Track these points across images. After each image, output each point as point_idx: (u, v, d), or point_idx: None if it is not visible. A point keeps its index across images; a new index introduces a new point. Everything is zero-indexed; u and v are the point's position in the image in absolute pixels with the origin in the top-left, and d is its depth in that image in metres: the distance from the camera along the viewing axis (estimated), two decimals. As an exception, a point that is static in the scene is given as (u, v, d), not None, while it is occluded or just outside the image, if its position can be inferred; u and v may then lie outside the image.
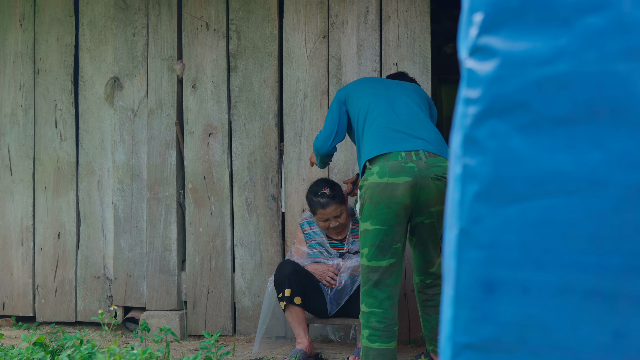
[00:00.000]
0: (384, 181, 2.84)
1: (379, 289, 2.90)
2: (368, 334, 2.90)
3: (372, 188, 2.87)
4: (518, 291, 0.96)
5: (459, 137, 0.99)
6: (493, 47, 0.97)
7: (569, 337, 0.95)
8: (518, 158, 0.96)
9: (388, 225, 2.87)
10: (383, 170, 2.85)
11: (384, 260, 2.89)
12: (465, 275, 0.98)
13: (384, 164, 2.86)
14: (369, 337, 2.90)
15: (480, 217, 0.97)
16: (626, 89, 0.92)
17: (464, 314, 0.98)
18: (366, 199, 2.89)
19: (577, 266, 0.94)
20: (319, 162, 3.39)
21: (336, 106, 3.20)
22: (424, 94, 3.30)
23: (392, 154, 2.88)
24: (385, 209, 2.85)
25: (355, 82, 3.30)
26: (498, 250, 0.97)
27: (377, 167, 2.87)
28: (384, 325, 2.89)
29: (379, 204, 2.85)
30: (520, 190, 0.96)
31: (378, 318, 2.89)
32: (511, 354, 0.97)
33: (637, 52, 0.91)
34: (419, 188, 2.86)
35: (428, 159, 2.88)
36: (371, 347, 2.89)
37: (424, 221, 2.95)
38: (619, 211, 0.92)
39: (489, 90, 0.97)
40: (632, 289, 0.92)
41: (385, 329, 2.90)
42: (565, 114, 0.95)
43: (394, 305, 2.93)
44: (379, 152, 2.89)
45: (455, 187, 1.00)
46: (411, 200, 2.87)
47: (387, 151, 2.89)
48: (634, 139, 0.91)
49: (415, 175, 2.85)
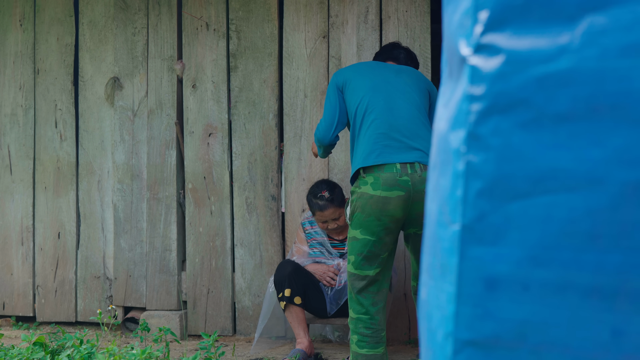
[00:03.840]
0: (377, 194, 2.82)
1: (363, 296, 2.92)
2: (357, 340, 2.92)
3: (364, 199, 2.85)
4: (519, 288, 0.96)
5: (461, 134, 0.99)
6: (498, 45, 0.98)
7: (568, 334, 0.95)
8: (520, 155, 0.96)
9: (377, 237, 2.87)
10: (377, 182, 2.83)
11: (370, 270, 2.90)
12: (468, 271, 0.98)
13: (379, 176, 2.84)
14: (357, 342, 2.91)
15: (483, 213, 0.98)
16: (626, 85, 0.92)
17: (466, 311, 0.98)
18: (357, 208, 2.88)
19: (576, 264, 0.94)
20: (321, 152, 3.23)
21: (333, 94, 3.06)
22: (424, 82, 3.14)
23: (387, 166, 2.84)
24: (375, 221, 2.85)
25: (353, 69, 3.12)
26: (500, 247, 0.97)
27: (372, 178, 2.84)
28: (371, 331, 2.91)
29: (370, 216, 2.84)
30: (522, 187, 0.96)
31: (365, 324, 2.91)
32: (511, 351, 0.97)
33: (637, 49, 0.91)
34: (412, 202, 2.84)
35: (423, 172, 2.85)
36: (360, 353, 2.91)
37: (417, 232, 2.94)
38: (618, 208, 0.92)
39: (493, 87, 0.98)
40: (631, 287, 0.92)
41: (372, 335, 2.91)
42: (566, 111, 0.95)
43: (380, 311, 2.94)
44: (374, 162, 2.85)
45: (457, 183, 1.00)
46: (403, 213, 2.86)
47: (382, 162, 2.85)
48: (633, 136, 0.92)
49: (409, 189, 2.83)
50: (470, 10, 1.00)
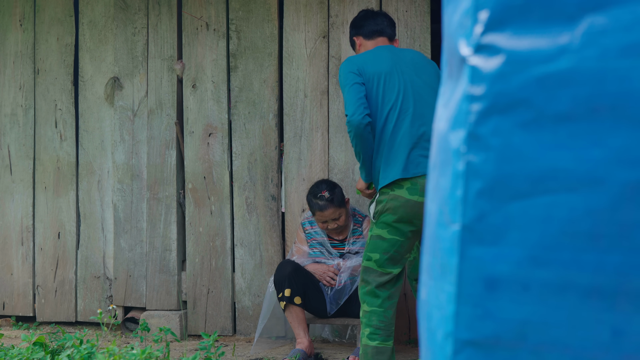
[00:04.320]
0: (414, 199, 2.91)
1: (381, 290, 3.00)
2: (369, 332, 2.98)
3: (398, 201, 2.93)
4: (519, 288, 0.96)
5: (461, 134, 0.99)
6: (498, 45, 0.98)
7: (568, 335, 0.95)
8: (520, 155, 0.96)
9: (406, 237, 2.98)
10: (414, 188, 2.92)
11: (395, 269, 3.00)
12: (468, 271, 0.98)
13: (416, 182, 2.92)
14: (369, 335, 2.98)
15: (483, 213, 0.98)
16: (626, 85, 0.92)
17: (466, 311, 0.98)
18: (389, 209, 2.95)
19: (576, 264, 0.94)
20: (360, 145, 2.94)
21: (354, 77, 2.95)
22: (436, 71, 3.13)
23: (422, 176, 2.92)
24: (407, 224, 2.95)
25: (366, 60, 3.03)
26: (501, 247, 0.97)
27: (409, 184, 2.93)
28: (384, 324, 2.98)
29: (403, 218, 2.94)
30: (522, 187, 0.96)
31: (379, 317, 2.98)
32: (511, 351, 0.97)
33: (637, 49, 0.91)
34: None
35: None
36: (370, 345, 2.97)
37: None
38: (618, 209, 0.92)
39: (493, 87, 0.98)
40: (631, 287, 0.92)
41: (385, 328, 2.98)
42: (566, 111, 0.95)
43: (392, 306, 3.03)
44: (413, 174, 2.93)
45: (457, 183, 1.00)
46: None
47: (421, 174, 2.92)
48: (633, 136, 0.92)
49: None
50: (470, 10, 1.00)
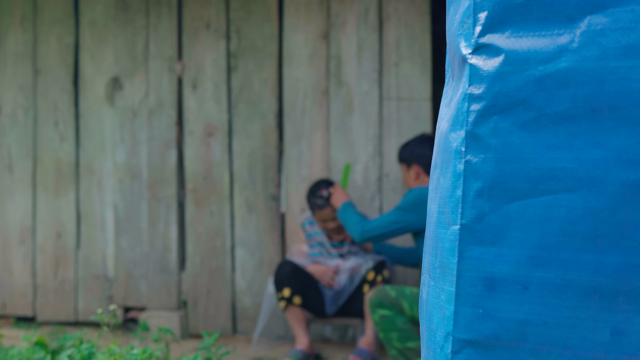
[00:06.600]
0: None
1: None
2: (397, 337, 2.99)
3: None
4: (518, 288, 0.96)
5: (461, 134, 1.00)
6: (497, 45, 0.98)
7: (568, 335, 0.95)
8: (519, 155, 0.97)
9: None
10: None
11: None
12: (467, 272, 0.98)
13: None
14: (398, 339, 2.98)
15: (483, 214, 0.98)
16: (625, 85, 0.92)
17: (465, 311, 0.98)
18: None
19: (576, 264, 0.94)
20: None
21: (407, 221, 3.22)
22: None
23: None
24: None
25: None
26: (500, 247, 0.97)
27: None
28: (409, 325, 3.02)
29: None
30: (522, 187, 0.96)
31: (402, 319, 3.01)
32: (511, 351, 0.97)
33: (637, 50, 0.91)
34: None
35: None
36: (407, 347, 2.98)
37: None
38: (618, 209, 0.92)
39: (492, 87, 0.98)
40: (631, 287, 0.92)
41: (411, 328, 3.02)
42: (566, 111, 0.95)
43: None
44: None
45: (456, 184, 1.00)
46: None
47: None
48: (633, 136, 0.92)
49: None
50: (470, 10, 1.00)
